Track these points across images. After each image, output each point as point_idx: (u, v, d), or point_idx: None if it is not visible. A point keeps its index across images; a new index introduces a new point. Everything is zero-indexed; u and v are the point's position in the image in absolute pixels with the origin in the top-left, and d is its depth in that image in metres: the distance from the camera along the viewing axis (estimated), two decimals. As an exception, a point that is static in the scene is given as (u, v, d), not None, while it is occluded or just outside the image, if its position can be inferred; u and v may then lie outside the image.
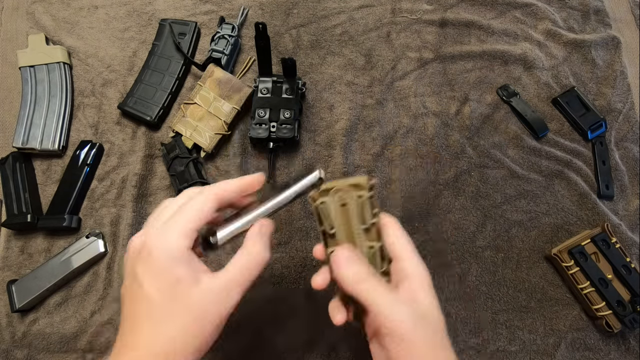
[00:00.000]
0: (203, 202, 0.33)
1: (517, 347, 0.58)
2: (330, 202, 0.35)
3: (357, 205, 0.35)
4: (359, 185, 0.35)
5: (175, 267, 0.30)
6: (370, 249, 0.35)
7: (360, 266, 0.33)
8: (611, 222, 0.62)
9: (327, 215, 0.36)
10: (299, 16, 0.72)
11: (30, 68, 0.67)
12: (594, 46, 0.71)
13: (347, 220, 0.35)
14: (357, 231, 0.35)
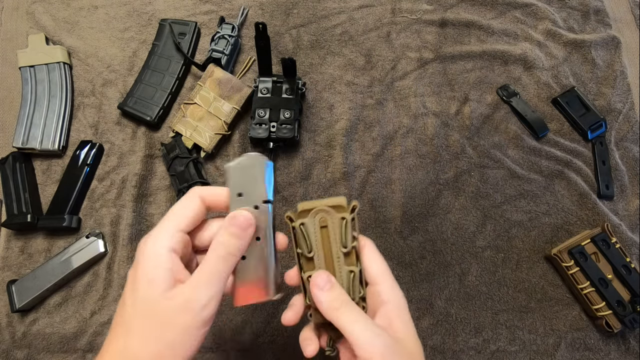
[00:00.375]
0: (187, 204, 0.32)
1: (517, 347, 0.58)
2: (310, 223, 0.34)
3: (339, 228, 0.34)
4: (340, 206, 0.34)
5: (151, 272, 0.29)
6: (350, 273, 0.34)
7: (338, 292, 0.33)
8: (611, 222, 0.62)
9: (306, 237, 0.34)
10: (299, 16, 0.72)
11: (30, 68, 0.67)
12: (594, 46, 0.71)
13: (328, 243, 0.34)
14: (337, 254, 0.34)
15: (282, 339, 0.57)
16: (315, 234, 0.34)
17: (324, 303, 0.32)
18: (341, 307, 0.32)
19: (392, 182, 0.64)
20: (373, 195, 0.63)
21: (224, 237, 0.32)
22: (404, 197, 0.63)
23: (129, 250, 0.60)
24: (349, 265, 0.34)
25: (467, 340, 0.58)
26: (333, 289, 0.33)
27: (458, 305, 0.59)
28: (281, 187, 0.63)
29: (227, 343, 0.57)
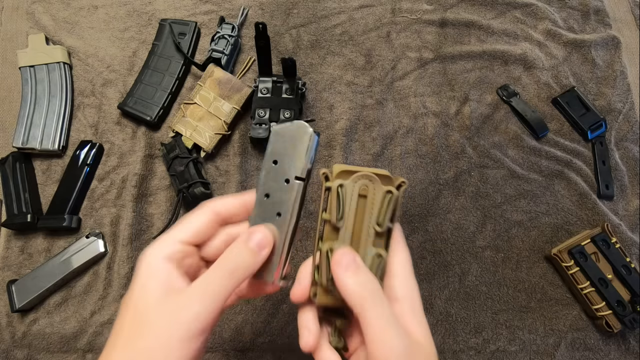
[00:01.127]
0: (193, 217, 0.31)
1: (517, 347, 0.58)
2: (349, 187, 0.29)
3: (381, 201, 0.29)
4: (386, 177, 0.29)
5: (145, 280, 0.28)
6: (377, 257, 0.30)
7: (367, 277, 0.29)
8: (611, 222, 0.62)
9: (341, 201, 0.29)
10: (299, 16, 0.72)
11: (30, 68, 0.67)
12: (594, 46, 0.71)
13: (362, 216, 0.29)
14: (368, 232, 0.29)
15: (282, 339, 0.57)
16: (351, 201, 0.29)
17: (351, 288, 0.28)
18: (370, 297, 0.27)
19: (392, 182, 0.64)
20: (373, 195, 0.63)
21: (237, 250, 0.29)
22: (404, 197, 0.63)
23: (129, 250, 0.60)
24: (377, 248, 0.30)
25: (467, 340, 0.58)
26: (359, 273, 0.29)
27: (458, 305, 0.59)
28: (281, 187, 0.63)
29: (227, 343, 0.57)
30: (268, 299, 0.58)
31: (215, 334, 0.57)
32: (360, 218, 0.30)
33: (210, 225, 0.31)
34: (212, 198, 0.32)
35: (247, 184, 0.64)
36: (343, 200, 0.29)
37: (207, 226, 0.31)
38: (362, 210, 0.30)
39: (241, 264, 0.29)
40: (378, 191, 0.29)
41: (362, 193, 0.29)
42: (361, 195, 0.29)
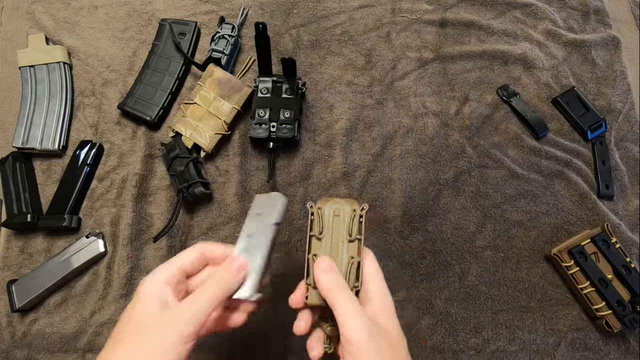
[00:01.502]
0: (188, 251, 0.39)
1: (517, 347, 0.58)
2: (326, 210, 0.41)
3: (349, 218, 0.40)
4: (353, 204, 0.41)
5: (148, 296, 0.34)
6: (351, 259, 0.39)
7: (337, 276, 0.38)
8: (611, 222, 0.62)
9: (320, 219, 0.40)
10: (299, 16, 0.72)
11: (30, 68, 0.67)
12: (594, 46, 0.71)
13: (337, 229, 0.40)
14: (342, 241, 0.40)
15: (282, 338, 0.57)
16: (328, 219, 0.40)
17: (322, 282, 0.37)
18: (336, 288, 0.36)
19: (392, 182, 0.64)
20: (373, 195, 0.63)
21: (223, 270, 0.37)
22: (404, 197, 0.63)
23: (129, 250, 0.60)
24: (350, 253, 0.39)
25: (467, 340, 0.58)
26: (332, 272, 0.38)
27: (458, 305, 0.59)
28: (281, 187, 0.63)
29: (227, 343, 0.57)
30: (268, 299, 0.58)
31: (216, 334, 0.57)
32: (336, 232, 0.40)
33: (198, 261, 0.39)
34: (203, 242, 0.40)
35: (247, 183, 0.64)
36: (322, 219, 0.40)
37: (197, 260, 0.39)
38: (337, 226, 0.40)
39: (225, 282, 0.37)
40: (346, 211, 0.41)
41: (336, 214, 0.41)
42: (335, 215, 0.41)
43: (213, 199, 0.63)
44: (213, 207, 0.63)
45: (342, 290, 0.36)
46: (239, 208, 0.62)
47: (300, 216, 0.62)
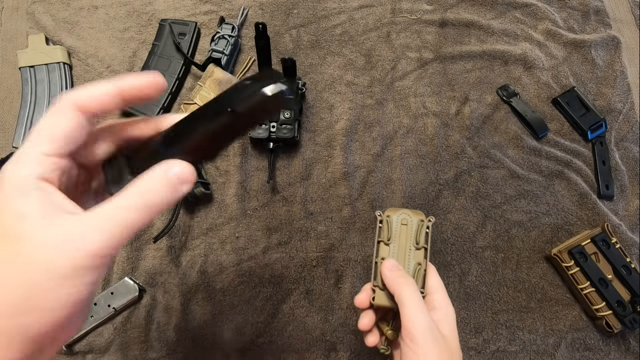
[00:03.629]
0: (54, 121, 0.24)
1: (517, 347, 0.58)
2: (394, 218, 0.44)
3: (416, 227, 0.44)
4: (420, 215, 0.44)
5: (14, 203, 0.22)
6: (418, 265, 0.42)
7: (404, 273, 0.40)
8: (611, 222, 0.62)
9: (389, 227, 0.44)
10: (299, 16, 0.72)
11: (30, 68, 0.67)
12: (594, 46, 0.71)
13: (404, 238, 0.43)
14: (409, 249, 0.43)
15: (282, 339, 0.57)
16: (396, 227, 0.44)
17: (390, 277, 0.39)
18: (404, 282, 0.38)
19: (392, 182, 0.64)
20: (373, 195, 0.63)
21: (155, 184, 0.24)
22: (404, 197, 0.63)
23: (129, 250, 0.60)
24: (417, 259, 0.43)
25: (467, 340, 0.58)
26: (398, 271, 0.40)
27: (458, 305, 0.59)
28: (281, 187, 0.63)
29: (227, 343, 0.57)
30: (268, 299, 0.58)
31: (216, 334, 0.57)
32: (404, 239, 0.44)
33: (79, 128, 0.25)
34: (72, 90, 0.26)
35: (247, 184, 0.64)
36: (390, 226, 0.44)
37: (76, 130, 0.24)
38: (404, 233, 0.44)
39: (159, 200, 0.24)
40: (414, 220, 0.44)
41: (404, 222, 0.44)
42: (403, 224, 0.44)
43: (213, 199, 0.63)
44: (213, 207, 0.63)
45: (409, 285, 0.38)
46: (239, 208, 0.62)
47: (300, 216, 0.62)
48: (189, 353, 0.56)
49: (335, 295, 0.59)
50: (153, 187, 0.24)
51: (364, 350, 0.57)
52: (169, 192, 0.25)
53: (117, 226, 0.23)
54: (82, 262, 0.21)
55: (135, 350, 0.56)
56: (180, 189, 0.25)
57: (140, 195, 0.24)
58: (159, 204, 0.24)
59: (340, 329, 0.58)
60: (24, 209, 0.22)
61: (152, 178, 0.24)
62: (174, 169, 0.25)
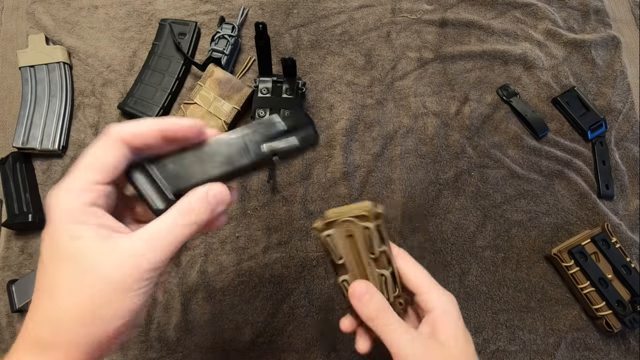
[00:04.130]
0: (104, 152, 0.26)
1: (517, 347, 0.58)
2: (336, 233, 0.35)
3: (363, 237, 0.35)
4: (364, 214, 0.34)
5: (70, 227, 0.25)
6: (381, 277, 0.36)
7: (376, 301, 0.34)
8: (611, 222, 0.62)
9: (334, 247, 0.35)
10: (299, 16, 0.72)
11: (30, 68, 0.67)
12: (594, 46, 0.71)
13: (356, 250, 0.35)
14: (367, 260, 0.35)
15: (282, 339, 0.57)
16: (343, 243, 0.35)
17: (363, 314, 0.34)
18: (378, 316, 0.34)
19: (392, 182, 0.64)
20: (373, 195, 0.63)
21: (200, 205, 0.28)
22: (404, 197, 0.63)
23: (129, 250, 0.60)
24: (380, 269, 0.36)
25: (467, 340, 0.58)
26: (372, 300, 0.34)
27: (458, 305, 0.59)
28: (281, 187, 0.63)
29: (227, 343, 0.57)
30: (268, 299, 0.58)
31: (216, 334, 0.57)
32: (356, 252, 0.35)
33: (123, 160, 0.27)
34: (117, 124, 0.27)
35: (247, 184, 0.64)
36: (335, 246, 0.35)
37: (121, 162, 0.27)
38: (354, 246, 0.35)
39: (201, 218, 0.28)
40: (358, 229, 0.35)
41: (349, 234, 0.35)
42: (349, 235, 0.35)
43: (213, 199, 0.63)
44: (213, 207, 0.62)
45: (384, 315, 0.34)
46: (239, 208, 0.62)
47: (300, 216, 0.62)
48: (188, 353, 0.56)
49: (335, 295, 0.59)
50: (197, 209, 0.27)
51: (364, 350, 0.57)
52: (209, 212, 0.28)
53: (168, 243, 0.26)
54: (139, 276, 0.25)
55: (135, 350, 0.56)
56: (217, 209, 0.29)
57: (187, 215, 0.27)
58: (201, 222, 0.28)
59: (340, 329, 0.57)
60: (79, 231, 0.25)
61: (197, 200, 0.28)
62: (214, 192, 0.28)
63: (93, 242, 0.25)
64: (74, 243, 0.24)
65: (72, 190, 0.25)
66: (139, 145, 0.27)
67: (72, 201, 0.25)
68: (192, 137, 0.29)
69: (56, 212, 0.25)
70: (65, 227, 0.25)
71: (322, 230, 0.35)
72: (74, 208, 0.25)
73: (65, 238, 0.25)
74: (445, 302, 0.35)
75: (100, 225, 0.25)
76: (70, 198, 0.25)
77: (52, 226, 0.25)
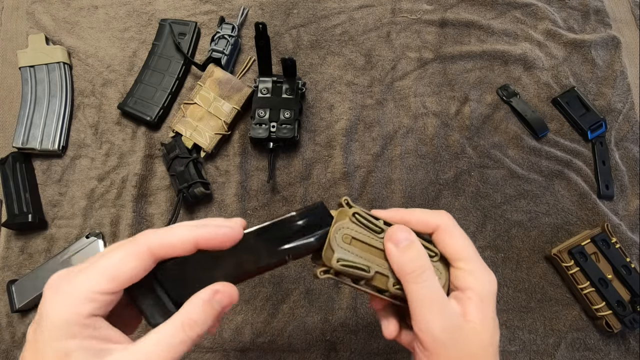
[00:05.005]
0: (124, 259, 0.24)
1: (517, 347, 0.58)
2: (344, 252, 0.30)
3: (358, 226, 0.31)
4: (341, 212, 0.31)
5: (65, 340, 0.22)
6: None
7: (416, 253, 0.29)
8: (611, 222, 0.62)
9: (354, 266, 0.30)
10: (299, 16, 0.72)
11: (30, 68, 0.67)
12: (594, 46, 0.71)
13: (368, 245, 0.31)
14: (379, 243, 0.31)
15: (282, 339, 0.57)
16: (356, 255, 0.30)
17: (397, 266, 0.29)
18: (414, 272, 0.29)
19: (392, 182, 0.64)
20: (373, 195, 0.63)
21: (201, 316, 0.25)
22: (404, 197, 0.63)
23: (129, 250, 0.60)
24: None
25: (467, 340, 0.58)
26: (411, 248, 0.29)
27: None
28: (281, 187, 0.63)
29: (227, 343, 0.57)
30: (268, 299, 0.58)
31: (215, 334, 0.57)
32: (369, 246, 0.31)
33: (144, 269, 0.25)
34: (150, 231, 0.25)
35: (247, 184, 0.64)
36: (353, 263, 0.30)
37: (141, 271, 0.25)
38: (363, 244, 0.31)
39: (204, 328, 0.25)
40: (350, 227, 0.30)
41: (348, 240, 0.30)
42: (350, 241, 0.30)
43: (213, 199, 0.63)
44: (213, 207, 0.63)
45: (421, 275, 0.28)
46: (239, 208, 0.62)
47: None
48: (188, 353, 0.56)
49: (335, 295, 0.59)
50: (199, 319, 0.25)
51: (364, 350, 0.57)
52: (213, 320, 0.25)
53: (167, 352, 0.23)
54: None
55: (135, 350, 0.56)
56: (222, 313, 0.26)
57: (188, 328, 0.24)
58: (203, 332, 0.25)
59: (340, 329, 0.57)
60: (67, 348, 0.22)
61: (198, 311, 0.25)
62: (220, 297, 0.26)
63: None
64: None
65: (74, 299, 0.23)
66: (168, 255, 0.25)
67: (70, 312, 0.23)
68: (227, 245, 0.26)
69: (49, 319, 0.23)
70: (54, 345, 0.22)
71: (322, 267, 0.30)
72: (69, 320, 0.23)
73: (51, 354, 0.22)
74: (483, 282, 0.30)
75: (93, 338, 0.23)
76: (69, 309, 0.23)
77: (41, 335, 0.23)
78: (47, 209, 0.62)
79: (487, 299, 0.29)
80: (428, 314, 0.28)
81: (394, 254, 0.29)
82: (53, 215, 0.62)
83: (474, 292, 0.29)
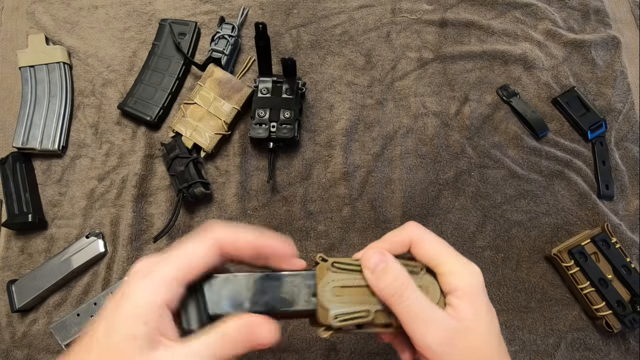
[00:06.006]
0: (197, 247, 0.26)
1: (517, 347, 0.58)
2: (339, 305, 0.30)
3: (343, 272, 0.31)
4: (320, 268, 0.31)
5: (138, 324, 0.24)
6: None
7: (394, 272, 0.29)
8: (611, 222, 0.62)
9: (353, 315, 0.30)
10: (299, 16, 0.72)
11: (30, 68, 0.67)
12: (594, 46, 0.71)
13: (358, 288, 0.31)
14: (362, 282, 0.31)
15: (282, 339, 0.57)
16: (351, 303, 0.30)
17: (379, 292, 0.29)
18: (395, 293, 0.28)
19: (392, 182, 0.64)
20: (373, 195, 0.63)
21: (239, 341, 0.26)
22: (404, 197, 0.63)
23: (129, 250, 0.60)
24: None
25: (467, 340, 0.58)
26: (386, 271, 0.29)
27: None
28: (281, 187, 0.63)
29: None
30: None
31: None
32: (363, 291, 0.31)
33: (212, 262, 0.27)
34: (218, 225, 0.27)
35: (247, 183, 0.64)
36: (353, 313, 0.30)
37: (209, 264, 0.27)
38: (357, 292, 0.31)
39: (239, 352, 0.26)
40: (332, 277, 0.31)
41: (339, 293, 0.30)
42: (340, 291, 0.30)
43: (213, 199, 0.63)
44: (213, 207, 0.63)
45: (405, 291, 0.29)
46: (239, 208, 0.62)
47: (300, 216, 0.62)
48: None
49: (335, 295, 0.59)
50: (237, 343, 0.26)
51: (364, 350, 0.57)
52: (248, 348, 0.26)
53: None
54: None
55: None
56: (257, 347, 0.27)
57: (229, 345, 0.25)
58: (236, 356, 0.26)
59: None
60: (138, 333, 0.24)
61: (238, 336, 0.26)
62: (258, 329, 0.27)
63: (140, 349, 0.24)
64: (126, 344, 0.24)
65: (157, 287, 0.25)
66: (231, 255, 0.27)
67: (153, 296, 0.25)
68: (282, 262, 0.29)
69: (132, 302, 0.25)
70: (129, 326, 0.24)
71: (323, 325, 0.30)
72: (148, 307, 0.24)
73: (121, 334, 0.24)
74: (468, 278, 0.30)
75: (157, 330, 0.24)
76: (152, 296, 0.25)
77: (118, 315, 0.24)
78: (47, 209, 0.62)
79: (475, 293, 0.30)
80: (421, 330, 0.28)
81: (373, 283, 0.29)
82: (53, 215, 0.62)
83: (461, 291, 0.29)
